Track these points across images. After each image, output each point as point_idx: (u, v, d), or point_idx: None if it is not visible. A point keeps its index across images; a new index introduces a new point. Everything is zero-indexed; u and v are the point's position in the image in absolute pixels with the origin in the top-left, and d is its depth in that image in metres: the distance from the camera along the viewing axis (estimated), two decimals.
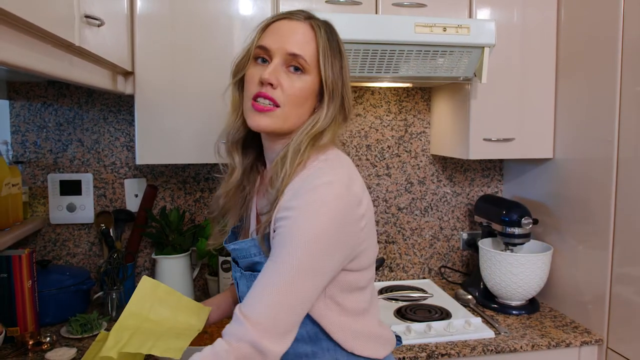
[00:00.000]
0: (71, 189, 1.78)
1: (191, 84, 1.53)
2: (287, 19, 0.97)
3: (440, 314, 1.66)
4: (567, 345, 1.51)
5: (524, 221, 1.70)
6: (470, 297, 1.80)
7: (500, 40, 1.58)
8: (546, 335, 1.54)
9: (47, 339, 1.43)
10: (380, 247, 2.00)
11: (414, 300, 1.80)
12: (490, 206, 1.87)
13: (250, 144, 1.06)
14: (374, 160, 1.99)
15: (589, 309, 1.59)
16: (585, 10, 1.61)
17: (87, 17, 1.03)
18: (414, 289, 1.90)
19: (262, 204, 1.02)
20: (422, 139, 2.03)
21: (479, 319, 1.60)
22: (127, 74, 1.50)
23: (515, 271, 1.66)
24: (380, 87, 1.96)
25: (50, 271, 1.63)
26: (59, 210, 1.78)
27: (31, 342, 1.41)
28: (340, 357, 0.98)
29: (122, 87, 1.49)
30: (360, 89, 1.95)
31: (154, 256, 1.75)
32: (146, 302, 1.09)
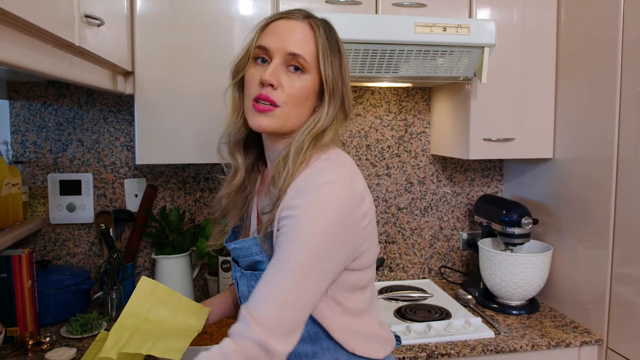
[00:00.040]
0: (71, 188, 1.78)
1: (191, 83, 1.53)
2: (285, 19, 0.97)
3: (440, 314, 1.66)
4: (567, 345, 1.51)
5: (524, 221, 1.70)
6: (470, 297, 1.80)
7: (500, 40, 1.58)
8: (546, 335, 1.54)
9: (47, 339, 1.43)
10: (380, 247, 2.00)
11: (413, 300, 1.80)
12: (490, 206, 1.87)
13: (251, 143, 1.06)
14: (374, 160, 1.99)
15: (589, 309, 1.59)
16: (585, 10, 1.61)
17: (87, 17, 1.03)
18: (414, 289, 1.91)
19: (263, 204, 1.02)
20: (422, 139, 2.03)
21: (479, 319, 1.60)
22: (127, 74, 1.50)
23: (515, 271, 1.66)
24: (380, 87, 1.96)
25: (50, 271, 1.63)
26: (59, 210, 1.78)
27: (31, 342, 1.41)
28: (340, 357, 0.98)
29: (122, 87, 1.49)
30: (360, 88, 1.95)
31: (153, 256, 1.75)
32: (145, 302, 1.09)
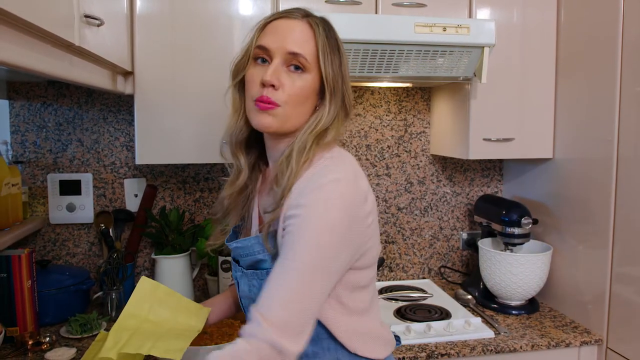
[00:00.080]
0: (71, 188, 1.78)
1: (191, 83, 1.53)
2: (285, 18, 0.97)
3: (440, 314, 1.66)
4: (567, 345, 1.51)
5: (524, 221, 1.70)
6: (470, 297, 1.80)
7: (500, 40, 1.58)
8: (546, 335, 1.54)
9: (47, 339, 1.43)
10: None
11: (413, 300, 1.80)
12: (490, 206, 1.87)
13: (252, 143, 1.06)
14: (374, 160, 1.99)
15: (589, 308, 1.59)
16: (585, 10, 1.61)
17: (86, 16, 1.03)
18: (414, 289, 1.90)
19: (265, 203, 1.02)
20: (421, 139, 2.03)
21: (479, 319, 1.60)
22: (127, 74, 1.50)
23: (515, 271, 1.66)
24: (380, 87, 1.96)
25: (49, 271, 1.63)
26: (59, 210, 1.78)
27: (31, 342, 1.41)
28: (341, 357, 0.98)
29: (122, 87, 1.49)
30: (360, 88, 1.95)
31: (153, 256, 1.75)
32: (145, 302, 1.08)
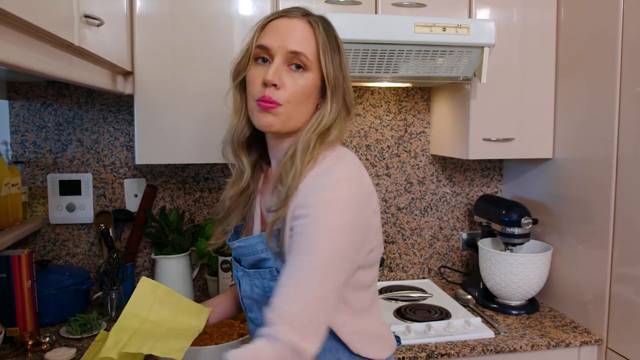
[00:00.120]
0: (71, 189, 1.78)
1: (191, 84, 1.53)
2: (284, 17, 0.97)
3: (439, 314, 1.66)
4: (567, 345, 1.51)
5: (524, 221, 1.70)
6: (469, 297, 1.80)
7: (500, 40, 1.58)
8: (546, 335, 1.54)
9: (47, 339, 1.43)
10: None
11: (413, 300, 1.80)
12: (489, 206, 1.87)
13: (253, 143, 1.06)
14: (374, 160, 1.99)
15: (589, 308, 1.59)
16: (585, 10, 1.61)
17: (86, 17, 1.03)
18: (414, 289, 1.90)
19: (268, 202, 1.02)
20: (421, 139, 2.03)
21: (479, 319, 1.60)
22: (127, 74, 1.50)
23: (514, 271, 1.66)
24: (379, 87, 1.96)
25: (49, 271, 1.63)
26: (59, 210, 1.78)
27: (30, 342, 1.41)
28: (342, 358, 0.98)
29: (122, 87, 1.49)
30: (360, 88, 1.95)
31: (153, 256, 1.75)
32: (145, 303, 1.08)
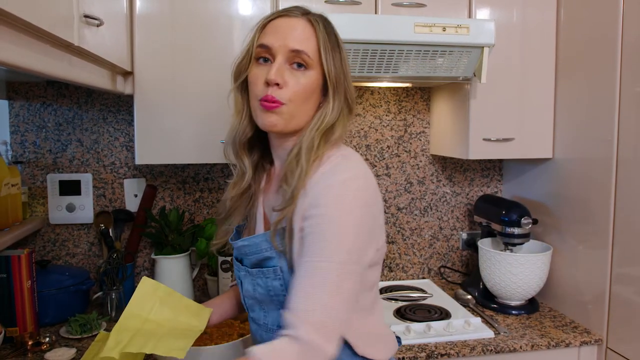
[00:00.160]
0: (70, 189, 1.78)
1: (191, 84, 1.53)
2: (285, 17, 0.97)
3: (439, 314, 1.66)
4: (567, 345, 1.51)
5: (524, 221, 1.70)
6: (469, 297, 1.80)
7: (499, 40, 1.58)
8: (546, 335, 1.54)
9: (47, 339, 1.43)
10: None
11: (413, 300, 1.80)
12: (489, 206, 1.87)
13: (255, 143, 1.06)
14: (374, 160, 1.99)
15: (589, 308, 1.59)
16: (585, 10, 1.61)
17: (86, 17, 1.03)
18: (414, 289, 1.90)
19: (271, 202, 1.02)
20: (421, 139, 2.02)
21: (479, 319, 1.60)
22: (127, 74, 1.50)
23: (514, 271, 1.66)
24: (379, 87, 1.96)
25: (49, 271, 1.63)
26: (58, 210, 1.78)
27: (30, 342, 1.41)
28: (344, 358, 0.97)
29: (122, 87, 1.49)
30: (359, 88, 1.95)
31: (153, 256, 1.75)
32: (146, 303, 1.08)
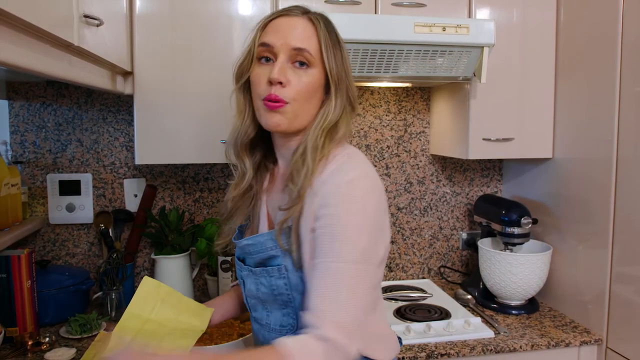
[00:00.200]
0: (70, 189, 1.78)
1: (191, 83, 1.53)
2: (285, 16, 0.97)
3: (439, 314, 1.66)
4: (567, 345, 1.51)
5: (524, 221, 1.70)
6: (469, 297, 1.80)
7: (499, 40, 1.58)
8: (546, 335, 1.54)
9: (47, 339, 1.43)
10: None
11: (413, 300, 1.80)
12: (489, 206, 1.87)
13: (257, 143, 1.06)
14: (374, 160, 1.99)
15: (589, 308, 1.59)
16: (584, 10, 1.61)
17: (86, 17, 1.03)
18: (414, 288, 1.90)
19: (276, 201, 1.02)
20: (421, 139, 2.02)
21: (479, 319, 1.60)
22: (127, 74, 1.50)
23: (514, 271, 1.66)
24: (379, 87, 1.96)
25: (49, 271, 1.63)
26: (58, 210, 1.77)
27: (30, 342, 1.41)
28: None
29: (122, 87, 1.49)
30: (359, 88, 1.95)
31: (153, 256, 1.75)
32: (148, 303, 1.08)
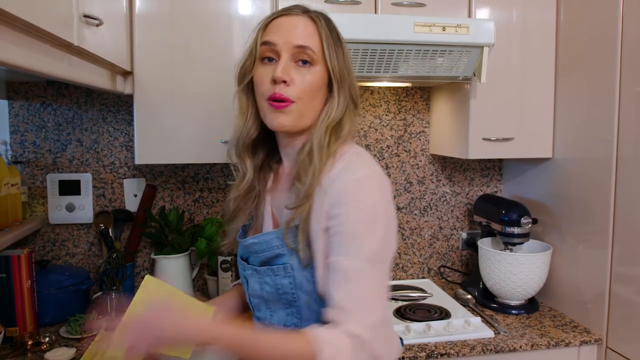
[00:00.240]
0: (70, 189, 1.78)
1: (190, 83, 1.53)
2: (286, 15, 0.98)
3: (439, 314, 1.66)
4: (567, 344, 1.51)
5: (524, 221, 1.70)
6: (469, 296, 1.80)
7: (499, 39, 1.58)
8: (545, 334, 1.54)
9: (46, 339, 1.43)
10: None
11: (413, 299, 1.80)
12: (489, 206, 1.87)
13: (261, 143, 1.06)
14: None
15: (589, 308, 1.59)
16: (584, 10, 1.61)
17: (86, 16, 1.03)
18: (414, 288, 1.90)
19: (281, 200, 1.02)
20: (421, 139, 2.02)
21: (479, 319, 1.60)
22: (126, 74, 1.50)
23: (514, 271, 1.66)
24: (379, 87, 1.96)
25: (49, 271, 1.63)
26: (58, 210, 1.77)
27: (30, 342, 1.41)
28: None
29: (121, 86, 1.49)
30: (359, 88, 1.94)
31: (153, 256, 1.75)
32: (150, 301, 1.08)
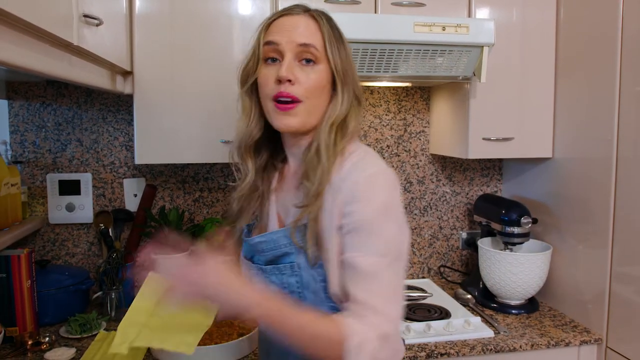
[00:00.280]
0: (70, 188, 1.78)
1: (190, 83, 1.53)
2: (287, 15, 0.98)
3: (439, 314, 1.66)
4: (567, 344, 1.51)
5: (524, 220, 1.70)
6: (469, 296, 1.80)
7: (499, 39, 1.58)
8: (545, 334, 1.54)
9: (46, 339, 1.43)
10: None
11: (413, 299, 1.80)
12: (489, 205, 1.87)
13: (264, 143, 1.06)
14: None
15: (589, 308, 1.59)
16: (584, 10, 1.61)
17: (85, 16, 1.03)
18: (414, 288, 1.90)
19: (286, 200, 1.02)
20: (421, 139, 2.02)
21: (479, 319, 1.60)
22: (126, 74, 1.50)
23: (514, 270, 1.66)
24: (379, 87, 1.96)
25: (49, 271, 1.63)
26: (58, 210, 1.77)
27: (30, 342, 1.41)
28: None
29: (121, 86, 1.49)
30: None
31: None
32: (153, 298, 1.08)
